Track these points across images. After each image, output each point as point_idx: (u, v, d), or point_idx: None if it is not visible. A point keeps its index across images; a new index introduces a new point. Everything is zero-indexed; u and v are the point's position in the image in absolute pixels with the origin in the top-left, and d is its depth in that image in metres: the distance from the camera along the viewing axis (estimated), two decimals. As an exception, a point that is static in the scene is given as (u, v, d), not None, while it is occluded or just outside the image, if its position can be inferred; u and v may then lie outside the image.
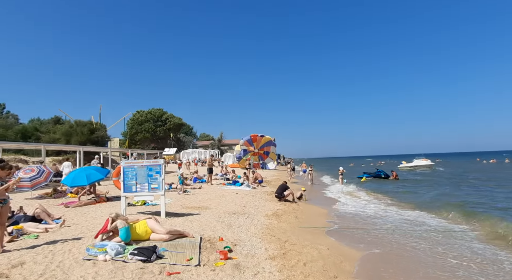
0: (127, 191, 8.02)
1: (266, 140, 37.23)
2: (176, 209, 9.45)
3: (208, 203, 10.95)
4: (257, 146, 37.23)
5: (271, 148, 37.62)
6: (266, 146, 37.31)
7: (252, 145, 37.18)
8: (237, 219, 8.27)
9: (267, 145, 37.33)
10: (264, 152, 37.62)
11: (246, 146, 37.11)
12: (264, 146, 37.30)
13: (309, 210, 11.12)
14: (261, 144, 37.27)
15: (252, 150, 37.08)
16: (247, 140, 37.14)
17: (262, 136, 37.17)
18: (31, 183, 11.65)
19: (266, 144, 37.28)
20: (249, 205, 10.83)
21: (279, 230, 7.29)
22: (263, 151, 37.57)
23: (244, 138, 37.37)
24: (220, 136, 77.00)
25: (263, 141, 37.22)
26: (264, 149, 37.43)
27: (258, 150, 37.37)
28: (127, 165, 8.07)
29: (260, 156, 37.72)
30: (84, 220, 7.64)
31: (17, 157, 22.14)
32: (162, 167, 7.93)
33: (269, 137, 37.75)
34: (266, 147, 37.35)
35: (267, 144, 37.32)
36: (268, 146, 37.38)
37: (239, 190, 15.55)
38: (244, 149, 37.19)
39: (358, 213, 11.15)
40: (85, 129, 29.30)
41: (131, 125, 67.68)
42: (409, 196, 16.50)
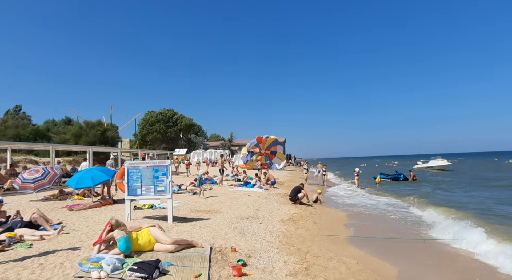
0: (132, 194, 7.42)
1: (271, 140, 36.67)
2: (184, 213, 8.82)
3: (219, 206, 10.30)
4: (263, 146, 36.73)
5: (278, 147, 37.03)
6: (273, 145, 36.74)
7: (258, 146, 36.75)
8: (251, 224, 7.58)
9: (273, 144, 36.76)
10: (271, 152, 37.04)
11: (253, 148, 36.75)
12: (270, 146, 36.74)
13: (327, 214, 10.34)
14: (267, 144, 36.75)
15: (258, 151, 36.61)
16: (254, 144, 36.80)
17: (267, 137, 36.69)
18: (34, 185, 11.22)
19: (272, 144, 36.71)
20: (263, 209, 10.13)
21: (298, 238, 6.56)
22: (269, 151, 37.03)
23: (251, 142, 37.06)
24: (230, 137, 76.54)
25: (269, 141, 36.69)
26: (270, 149, 36.86)
27: (265, 150, 36.87)
28: (132, 165, 7.47)
29: (266, 156, 37.23)
30: (85, 225, 7.06)
31: (27, 158, 22.02)
32: (169, 168, 7.30)
33: (275, 137, 37.16)
34: (273, 146, 36.77)
35: (273, 144, 36.75)
36: (274, 146, 36.79)
37: (251, 191, 14.87)
38: (251, 151, 36.79)
39: (379, 217, 10.31)
40: (95, 130, 29.13)
41: (142, 126, 67.88)
42: (435, 198, 15.50)
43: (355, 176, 21.13)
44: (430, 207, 11.73)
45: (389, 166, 60.38)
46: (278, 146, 36.89)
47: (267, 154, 37.09)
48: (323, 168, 23.57)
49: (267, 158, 37.30)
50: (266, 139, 36.44)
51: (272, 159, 37.14)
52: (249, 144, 36.84)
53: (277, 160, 37.29)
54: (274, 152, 36.92)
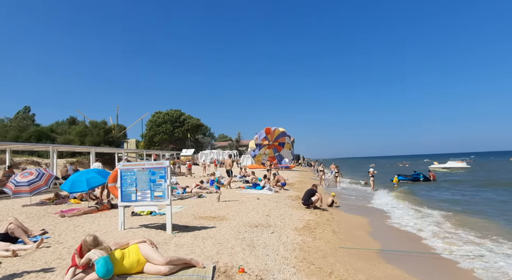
0: (126, 199, 6.52)
1: (279, 132, 35.90)
2: (187, 220, 7.90)
3: (225, 211, 9.35)
4: (272, 138, 35.93)
5: (286, 138, 36.18)
6: (281, 137, 35.92)
7: (267, 138, 35.96)
8: (261, 234, 6.61)
9: (281, 136, 35.96)
10: (279, 143, 36.24)
11: (262, 141, 35.96)
12: (278, 137, 35.94)
13: (345, 220, 9.29)
14: (275, 135, 35.95)
15: (266, 143, 35.81)
16: (262, 135, 35.96)
17: (275, 129, 35.91)
18: (29, 188, 10.43)
19: (280, 135, 35.92)
20: (274, 214, 9.15)
21: (317, 253, 5.57)
22: (277, 142, 36.22)
23: (259, 133, 36.27)
24: (238, 137, 75.71)
25: (277, 132, 35.91)
26: (278, 140, 36.07)
27: (273, 142, 36.05)
28: (125, 167, 6.56)
29: (275, 148, 36.40)
30: (73, 236, 6.18)
31: (29, 159, 21.46)
32: (167, 170, 6.37)
33: (283, 129, 36.36)
34: (281, 137, 35.96)
35: (281, 135, 35.95)
36: (282, 137, 35.98)
37: (260, 194, 13.89)
38: (258, 144, 35.99)
39: (406, 225, 9.22)
40: (100, 130, 28.54)
41: (150, 126, 67.55)
42: (464, 204, 14.20)
43: (370, 177, 19.93)
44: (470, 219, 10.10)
45: (401, 166, 58.77)
46: (286, 137, 36.10)
47: (275, 146, 36.33)
48: (336, 168, 22.32)
49: (275, 150, 36.52)
50: (274, 131, 35.68)
51: (280, 150, 36.32)
52: (257, 136, 36.00)
53: (285, 151, 36.40)
54: (282, 143, 36.13)
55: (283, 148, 36.15)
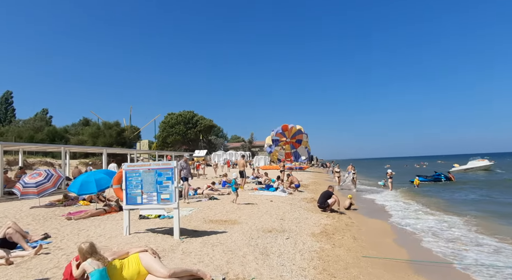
0: (131, 202, 6.13)
1: (296, 129, 35.22)
2: (196, 223, 7.47)
3: (237, 214, 8.89)
4: (289, 135, 35.28)
5: (303, 136, 35.49)
6: (298, 134, 35.26)
7: (284, 135, 35.31)
8: (275, 240, 6.11)
9: (298, 133, 35.28)
10: (296, 140, 35.62)
11: (278, 136, 35.37)
12: (295, 134, 35.28)
13: (365, 225, 8.67)
14: (293, 132, 35.28)
15: (284, 140, 35.19)
16: (279, 131, 35.31)
17: (293, 126, 35.27)
18: (37, 189, 10.23)
19: (297, 133, 35.25)
20: (288, 218, 8.63)
21: (338, 263, 5.02)
22: (295, 139, 35.57)
23: (276, 129, 35.60)
24: (250, 138, 75.40)
25: (294, 129, 35.26)
26: (296, 137, 35.42)
27: (290, 138, 35.39)
28: (131, 168, 6.18)
29: (292, 144, 35.76)
30: (75, 241, 5.82)
31: (42, 160, 21.59)
32: (174, 171, 5.95)
33: (300, 126, 35.63)
34: (298, 135, 35.29)
35: (298, 133, 35.28)
36: (299, 134, 35.33)
37: (273, 196, 13.39)
38: (275, 139, 35.39)
39: (432, 230, 8.54)
40: (112, 131, 28.63)
41: (163, 128, 67.97)
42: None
43: (388, 178, 19.09)
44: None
45: (418, 167, 57.07)
46: (303, 134, 35.43)
47: (292, 143, 35.73)
48: (352, 169, 21.40)
49: (292, 147, 35.91)
50: (291, 128, 35.06)
51: (297, 147, 35.69)
52: (273, 132, 35.44)
53: (302, 149, 35.73)
54: (299, 140, 35.51)
55: (300, 145, 35.56)
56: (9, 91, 59.56)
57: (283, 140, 35.15)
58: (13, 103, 59.90)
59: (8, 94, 59.39)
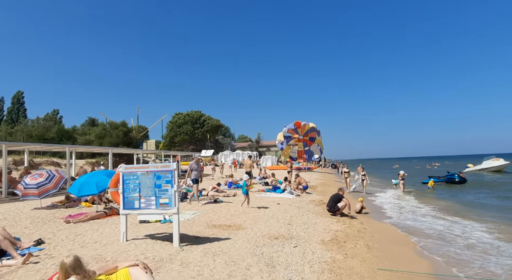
0: (128, 207, 5.76)
1: (309, 126, 34.29)
2: (198, 229, 7.07)
3: (242, 218, 8.47)
4: (302, 132, 34.34)
5: (316, 134, 34.54)
6: (311, 132, 34.35)
7: (297, 132, 34.39)
8: (282, 248, 5.67)
9: (311, 130, 34.36)
10: (309, 138, 34.58)
11: (290, 133, 34.46)
12: (308, 132, 34.36)
13: (379, 231, 8.15)
14: (306, 130, 34.34)
15: (296, 137, 34.31)
16: (291, 127, 34.40)
17: (305, 124, 34.28)
18: (38, 191, 9.97)
19: (310, 130, 34.32)
20: (296, 222, 8.18)
21: (351, 277, 4.56)
22: (308, 136, 34.57)
23: (288, 126, 34.56)
24: (257, 138, 75.00)
25: (307, 127, 34.21)
26: (308, 135, 34.44)
27: (303, 136, 34.48)
28: (128, 170, 5.81)
29: (304, 142, 34.78)
30: (68, 248, 5.48)
31: (49, 160, 21.52)
32: (174, 174, 5.56)
33: (313, 124, 34.70)
34: (311, 132, 34.37)
35: (311, 130, 34.36)
36: (313, 132, 34.39)
37: (280, 198, 12.94)
38: (287, 136, 34.49)
39: (453, 238, 7.98)
40: (119, 131, 28.52)
41: (170, 128, 68.05)
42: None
43: (400, 179, 18.44)
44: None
45: (429, 168, 55.86)
46: (316, 132, 34.55)
47: (305, 140, 34.75)
48: (362, 171, 20.39)
49: (305, 145, 34.96)
50: (304, 125, 34.14)
51: (310, 145, 34.75)
52: (285, 128, 34.55)
53: (315, 147, 34.81)
54: (312, 138, 34.53)
55: (313, 143, 34.63)
56: (20, 91, 60.35)
57: (295, 137, 34.26)
58: (24, 104, 60.71)
59: (20, 94, 60.16)
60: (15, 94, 59.65)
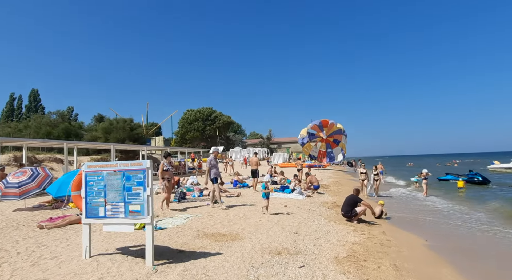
0: (92, 215, 4.63)
1: (337, 128, 32.47)
2: (186, 239, 5.90)
3: (241, 224, 7.27)
4: (327, 132, 32.59)
5: (342, 137, 32.71)
6: (337, 134, 32.56)
7: (323, 130, 32.65)
8: (284, 270, 4.44)
9: (337, 133, 32.56)
10: (334, 140, 32.72)
11: (315, 129, 32.74)
12: (334, 133, 32.58)
13: (406, 243, 6.76)
14: (332, 130, 32.52)
15: (321, 136, 32.63)
16: (317, 124, 32.51)
17: (333, 123, 32.46)
18: (19, 190, 9.03)
19: (336, 132, 32.51)
20: (305, 230, 6.92)
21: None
22: (332, 138, 32.74)
23: (314, 122, 32.74)
24: (269, 134, 73.67)
25: (334, 127, 32.38)
26: (334, 136, 32.62)
27: (327, 136, 32.74)
28: (91, 169, 4.67)
29: (328, 143, 33.00)
30: (16, 267, 4.39)
31: (52, 156, 20.86)
32: (147, 174, 4.39)
33: (341, 125, 32.80)
34: (337, 135, 32.57)
35: (338, 132, 32.54)
36: (339, 134, 32.58)
37: (289, 199, 11.68)
38: (312, 133, 32.80)
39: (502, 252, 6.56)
40: (126, 126, 27.75)
41: (182, 124, 67.56)
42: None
43: (422, 179, 16.78)
44: None
45: (449, 165, 53.34)
46: (342, 135, 32.73)
47: (329, 142, 32.96)
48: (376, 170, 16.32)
49: (328, 146, 33.20)
50: (332, 124, 32.30)
51: (334, 147, 32.96)
52: (311, 124, 32.90)
53: (338, 150, 33.04)
54: (337, 141, 32.68)
55: (337, 146, 32.81)
56: (35, 89, 61.10)
57: (320, 136, 32.56)
58: (41, 101, 61.32)
59: (35, 92, 60.88)
60: (30, 92, 60.38)
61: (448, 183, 21.68)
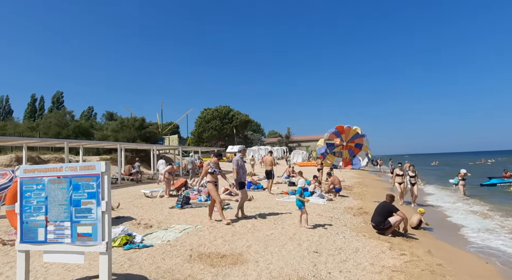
0: (29, 238, 3.35)
1: (355, 131, 30.62)
2: (173, 262, 4.56)
3: (247, 239, 5.87)
4: (346, 138, 30.62)
5: (363, 139, 30.66)
6: (357, 137, 30.54)
7: (340, 136, 30.76)
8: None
9: (357, 137, 30.55)
10: (356, 145, 30.69)
11: (331, 139, 30.87)
12: (354, 138, 30.59)
13: (465, 267, 5.13)
14: (350, 135, 30.58)
15: (340, 143, 30.74)
16: (333, 132, 30.74)
17: (349, 127, 30.60)
18: (-2, 195, 8.01)
19: (355, 136, 30.52)
20: (327, 248, 5.45)
21: None
22: (353, 143, 30.71)
23: (329, 131, 31.03)
24: (287, 133, 71.86)
25: (352, 132, 30.53)
26: (354, 141, 30.59)
27: (347, 142, 30.78)
28: (29, 175, 3.40)
29: (351, 149, 30.97)
30: None
31: (58, 156, 20.24)
32: (103, 182, 3.07)
33: (357, 127, 30.86)
34: (357, 138, 30.54)
35: (356, 136, 30.55)
36: (359, 138, 30.57)
37: (307, 204, 10.13)
38: (330, 143, 30.95)
39: None
40: (137, 124, 27.01)
41: (199, 123, 66.98)
42: None
43: (460, 180, 14.83)
44: None
45: (479, 163, 49.83)
46: (363, 138, 30.65)
47: (351, 147, 30.84)
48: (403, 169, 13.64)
49: (351, 152, 31.09)
50: (349, 129, 30.29)
51: (357, 153, 30.84)
52: (327, 134, 31.11)
53: (362, 154, 30.93)
54: (359, 145, 30.63)
55: (360, 150, 30.74)
56: (60, 91, 62.47)
57: (339, 145, 30.64)
58: (63, 103, 62.51)
59: (59, 94, 62.22)
60: (55, 94, 61.77)
61: (494, 187, 18.77)
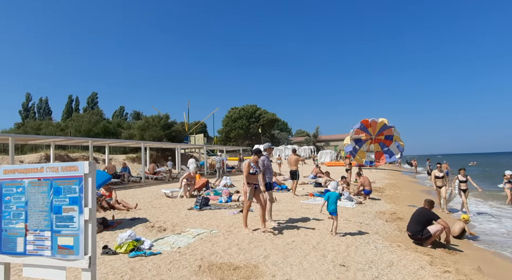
0: (7, 249, 2.96)
1: (382, 123, 28.51)
2: (179, 275, 4.07)
3: (265, 248, 5.28)
4: (374, 131, 28.59)
5: (392, 130, 28.50)
6: (385, 129, 28.48)
7: (367, 131, 28.87)
8: None
9: (385, 128, 28.49)
10: (386, 137, 28.66)
11: (358, 134, 28.99)
12: (382, 129, 28.54)
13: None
14: (378, 128, 28.57)
15: (368, 138, 28.88)
16: (358, 127, 28.77)
17: (374, 120, 28.57)
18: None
19: (384, 128, 28.46)
20: (356, 261, 4.75)
21: None
22: (383, 135, 28.71)
23: (354, 126, 28.96)
24: (315, 132, 70.33)
25: (379, 124, 28.44)
26: (383, 133, 28.58)
27: (376, 136, 28.80)
28: (9, 176, 3.01)
29: (382, 142, 28.89)
30: None
31: (86, 154, 20.72)
32: (86, 185, 2.61)
33: (384, 119, 28.70)
34: (386, 130, 28.46)
35: (384, 128, 28.47)
36: (387, 129, 28.43)
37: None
38: (357, 139, 29.14)
39: None
40: (163, 122, 27.28)
41: (226, 122, 67.31)
42: None
43: (506, 182, 13.32)
44: None
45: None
46: (391, 128, 28.54)
47: (381, 140, 28.93)
48: (441, 169, 12.26)
49: (382, 145, 29.08)
50: (375, 122, 28.29)
51: (389, 145, 28.76)
52: (352, 130, 29.12)
53: (394, 145, 28.69)
54: (389, 136, 28.55)
55: (392, 141, 28.61)
56: (95, 92, 65.22)
57: (367, 139, 28.82)
58: (98, 103, 65.24)
59: (94, 95, 64.99)
60: (90, 95, 64.56)
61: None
